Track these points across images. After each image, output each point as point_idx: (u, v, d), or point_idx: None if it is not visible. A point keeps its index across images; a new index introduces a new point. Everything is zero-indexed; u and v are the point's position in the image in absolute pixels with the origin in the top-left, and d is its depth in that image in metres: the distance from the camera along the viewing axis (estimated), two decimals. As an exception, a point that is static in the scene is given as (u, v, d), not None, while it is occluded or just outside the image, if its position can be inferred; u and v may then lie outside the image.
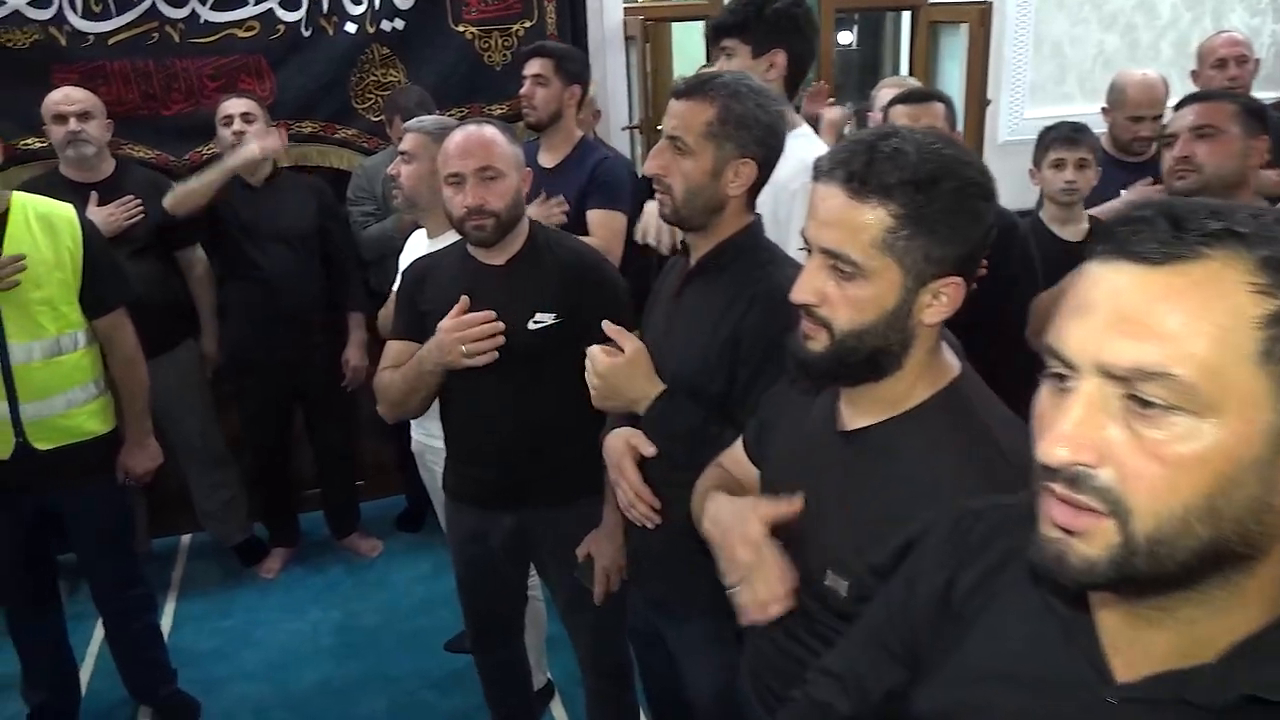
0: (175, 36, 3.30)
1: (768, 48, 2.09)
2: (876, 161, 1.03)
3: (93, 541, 2.54)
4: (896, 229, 1.03)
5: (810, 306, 1.09)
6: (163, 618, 3.21)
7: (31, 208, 2.30)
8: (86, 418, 2.39)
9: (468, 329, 1.83)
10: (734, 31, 2.11)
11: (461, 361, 1.83)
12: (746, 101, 1.50)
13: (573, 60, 2.91)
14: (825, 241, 1.07)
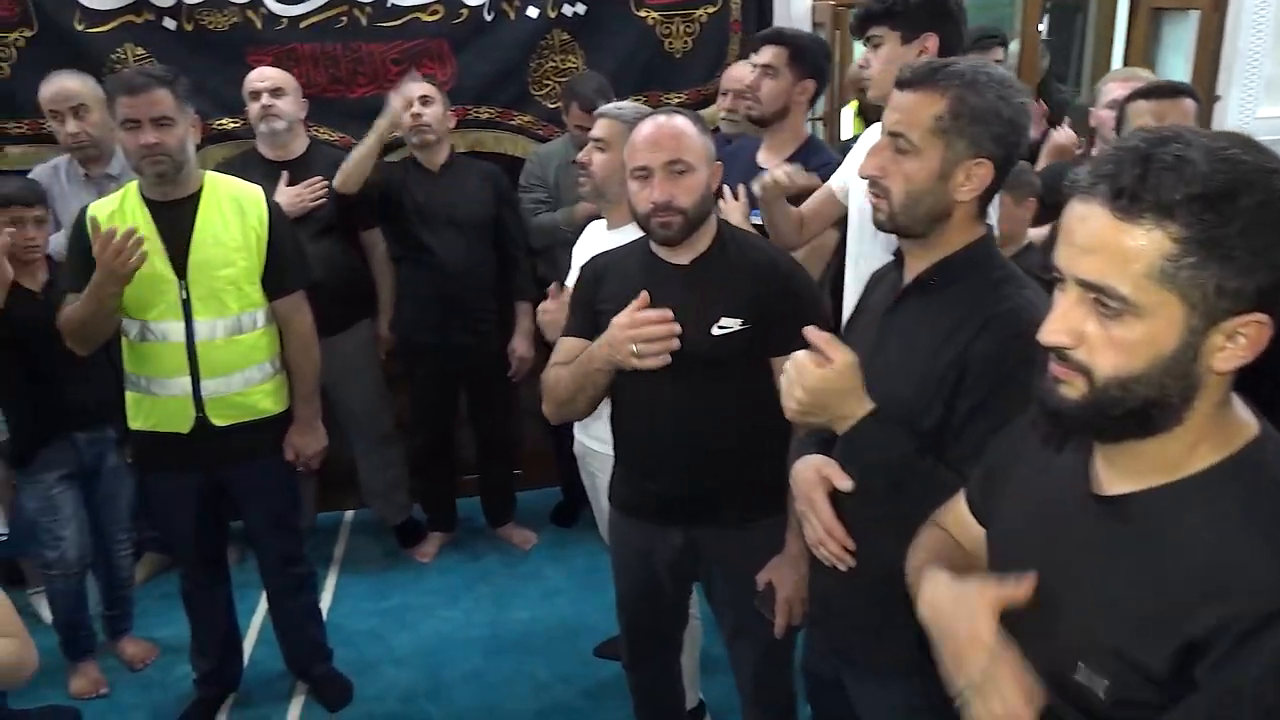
0: (363, 20, 3.33)
1: (918, 33, 1.96)
2: (1153, 173, 0.83)
3: (260, 517, 2.58)
4: (1180, 256, 0.83)
5: (1064, 349, 0.91)
6: (323, 593, 3.27)
7: (223, 188, 2.35)
8: (262, 396, 2.42)
9: (642, 327, 1.70)
10: (881, 19, 1.98)
11: (630, 362, 1.70)
12: (985, 93, 1.30)
13: (811, 51, 2.59)
14: (1084, 272, 0.88)
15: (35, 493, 2.68)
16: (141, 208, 2.28)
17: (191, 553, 2.61)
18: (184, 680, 2.79)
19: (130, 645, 2.99)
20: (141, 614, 3.09)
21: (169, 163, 2.22)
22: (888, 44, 1.99)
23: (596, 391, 1.84)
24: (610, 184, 2.22)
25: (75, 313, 2.25)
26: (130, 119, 2.18)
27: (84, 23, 3.19)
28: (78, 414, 2.68)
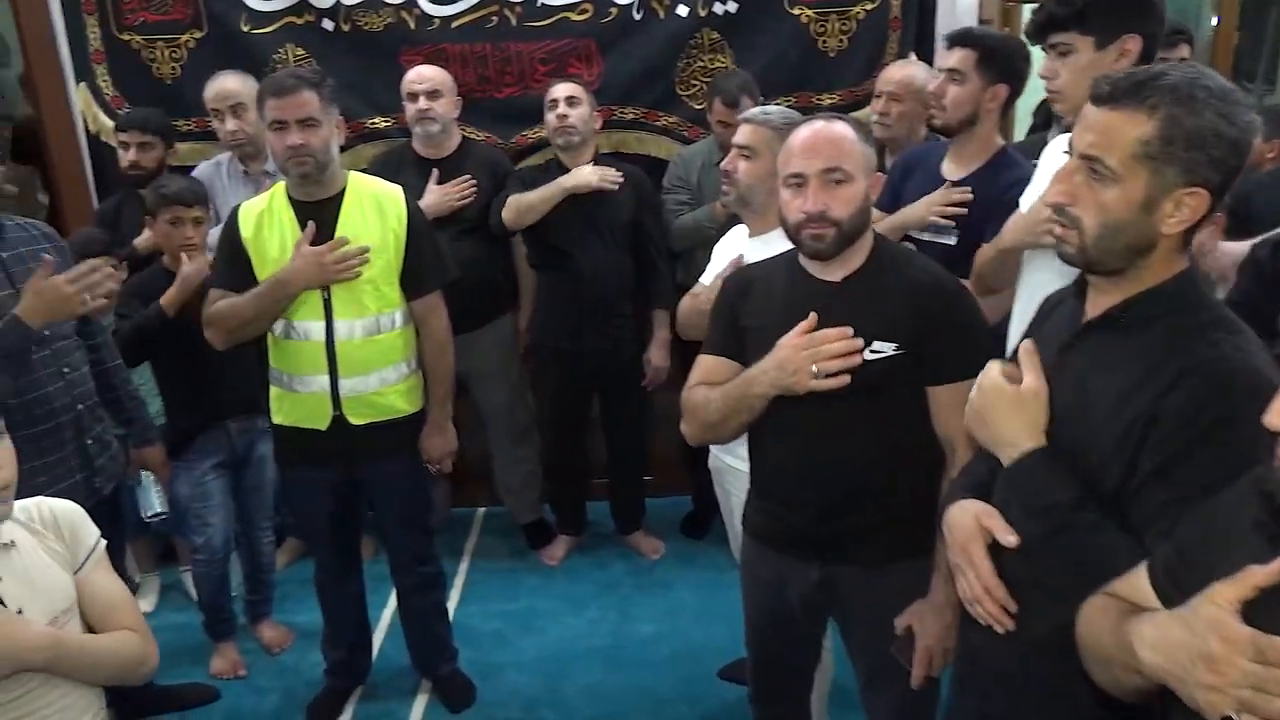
0: (512, 19, 3.32)
1: (1115, 35, 1.73)
2: None
3: (392, 515, 2.60)
4: None
5: None
6: (452, 589, 3.29)
7: (365, 189, 2.36)
8: (397, 396, 2.43)
9: (821, 344, 1.58)
10: (1070, 23, 1.76)
11: (807, 384, 1.59)
12: (1204, 111, 1.10)
13: (1003, 53, 2.33)
14: None
15: (188, 479, 2.79)
16: (287, 208, 2.32)
17: (326, 546, 2.66)
18: (316, 668, 2.84)
19: (268, 629, 3.08)
20: (281, 599, 3.18)
21: (313, 163, 2.24)
22: (1079, 51, 1.77)
23: (751, 416, 1.72)
24: (755, 192, 2.11)
25: (241, 308, 2.30)
26: (277, 120, 2.22)
27: (249, 24, 3.30)
28: (231, 404, 2.77)
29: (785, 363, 1.61)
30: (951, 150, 2.43)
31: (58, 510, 1.44)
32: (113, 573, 1.49)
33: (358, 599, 2.75)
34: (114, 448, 2.42)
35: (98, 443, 2.33)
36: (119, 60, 3.35)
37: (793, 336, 1.61)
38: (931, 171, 2.44)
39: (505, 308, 3.36)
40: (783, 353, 1.62)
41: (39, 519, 1.41)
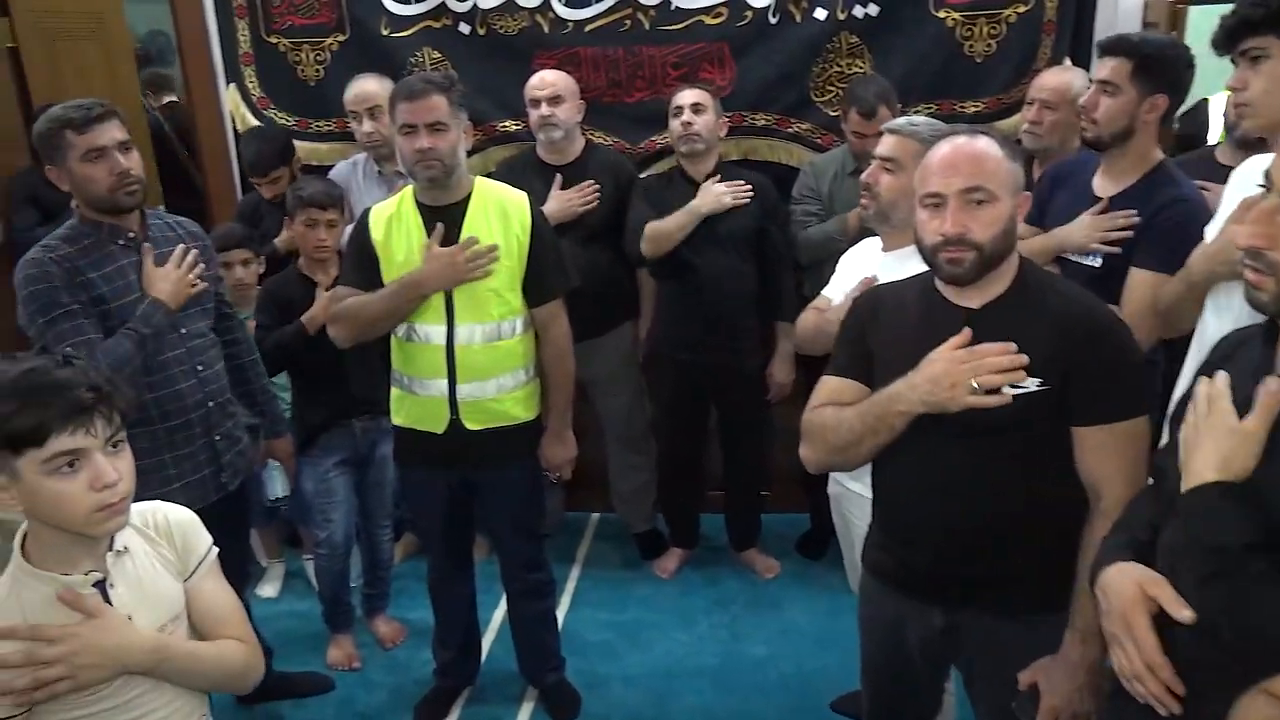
0: (646, 23, 3.28)
1: None
2: None
3: (504, 521, 2.59)
4: None
5: None
6: (563, 595, 3.27)
7: (491, 194, 2.36)
8: (514, 403, 2.41)
9: (982, 358, 1.47)
10: (1264, 26, 1.59)
11: (965, 399, 1.47)
12: None
13: (1161, 61, 2.14)
14: None
15: (314, 474, 2.86)
16: (415, 212, 2.33)
17: (438, 545, 2.67)
18: (426, 666, 2.87)
19: (383, 624, 3.14)
20: (397, 594, 3.23)
21: (440, 167, 2.24)
22: (1275, 58, 1.60)
23: (890, 438, 1.60)
24: (897, 208, 1.99)
25: (370, 307, 2.33)
26: (407, 124, 2.23)
27: (389, 28, 3.36)
28: (357, 405, 2.82)
29: (941, 377, 1.49)
30: (1104, 165, 2.25)
31: (172, 517, 1.45)
32: (223, 582, 1.50)
33: (468, 601, 2.76)
34: (242, 443, 2.49)
35: (226, 439, 2.40)
36: (266, 62, 3.47)
37: (947, 349, 1.50)
38: (1082, 187, 2.27)
39: (626, 315, 3.32)
40: (938, 366, 1.50)
41: (153, 525, 1.43)
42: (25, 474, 1.23)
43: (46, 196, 3.43)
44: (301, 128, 3.51)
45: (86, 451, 1.24)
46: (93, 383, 1.25)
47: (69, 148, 2.13)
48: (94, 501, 1.25)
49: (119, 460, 1.28)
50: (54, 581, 1.30)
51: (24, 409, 1.20)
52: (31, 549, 1.32)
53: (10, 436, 1.20)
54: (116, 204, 2.19)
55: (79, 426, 1.23)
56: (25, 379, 1.22)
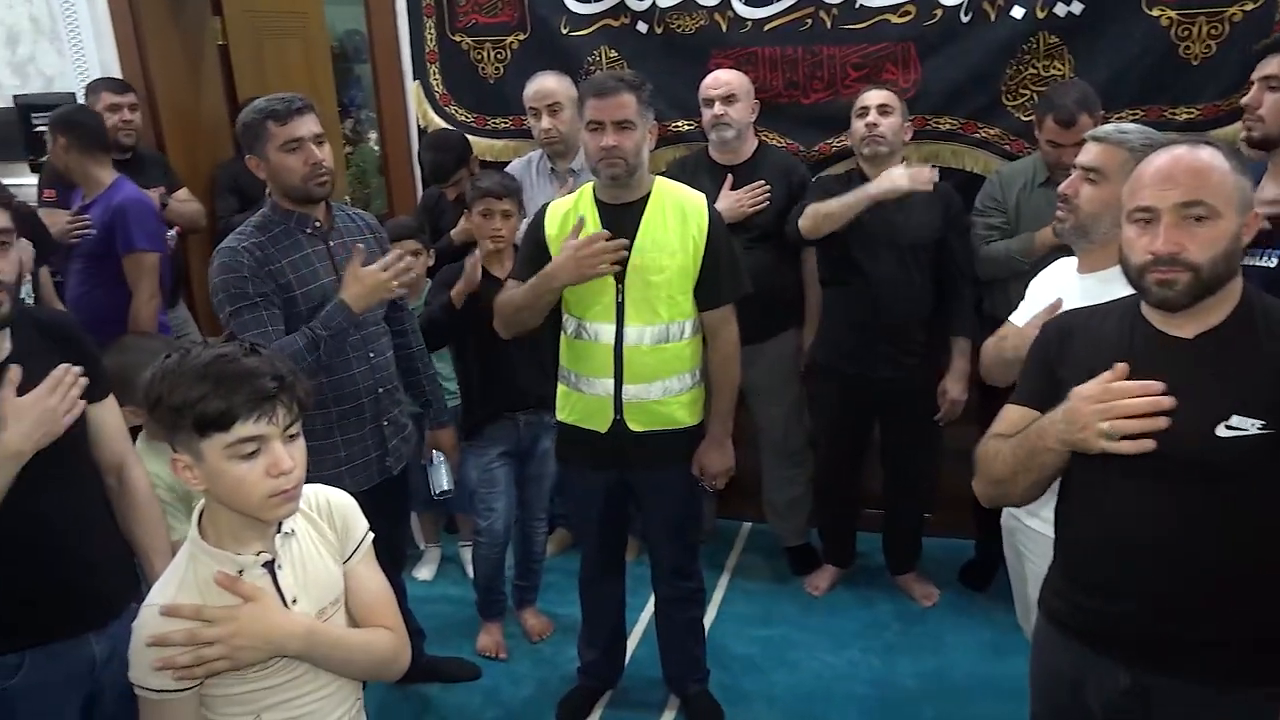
0: (828, 22, 3.18)
1: None
2: None
3: (659, 524, 2.56)
4: None
5: None
6: (710, 604, 3.21)
7: (670, 194, 2.33)
8: (678, 407, 2.38)
9: (1118, 399, 1.32)
10: None
11: (1095, 444, 1.33)
12: None
13: None
14: None
15: (478, 464, 2.92)
16: (592, 208, 2.33)
17: (593, 545, 2.67)
18: (571, 663, 2.87)
19: (532, 617, 3.17)
20: (548, 587, 3.26)
21: (623, 166, 2.23)
22: None
23: (1042, 475, 1.49)
24: (1098, 223, 1.83)
25: (514, 297, 2.36)
26: (595, 121, 2.23)
27: (569, 27, 3.40)
28: (522, 399, 2.86)
29: (1073, 415, 1.36)
30: (1270, 167, 2.09)
31: (333, 500, 1.49)
32: (377, 569, 1.52)
33: (618, 602, 2.74)
34: (407, 430, 2.56)
35: (393, 425, 2.46)
36: (450, 60, 3.57)
37: (1089, 386, 1.36)
38: None
39: (791, 322, 3.23)
40: (1072, 402, 1.37)
41: (315, 507, 1.46)
42: (209, 456, 1.27)
43: (247, 186, 3.65)
44: (479, 124, 3.59)
45: (267, 439, 1.28)
46: (277, 372, 1.29)
47: (269, 138, 2.24)
48: (270, 487, 1.28)
49: (294, 449, 1.32)
50: (227, 560, 1.35)
51: (213, 394, 1.25)
52: (207, 527, 1.37)
53: (198, 420, 1.25)
54: (308, 194, 2.29)
55: (262, 414, 1.27)
56: (215, 366, 1.26)
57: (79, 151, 3.19)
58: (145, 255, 3.16)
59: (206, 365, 1.26)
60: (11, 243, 1.61)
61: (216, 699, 1.36)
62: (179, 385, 1.26)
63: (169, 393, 1.26)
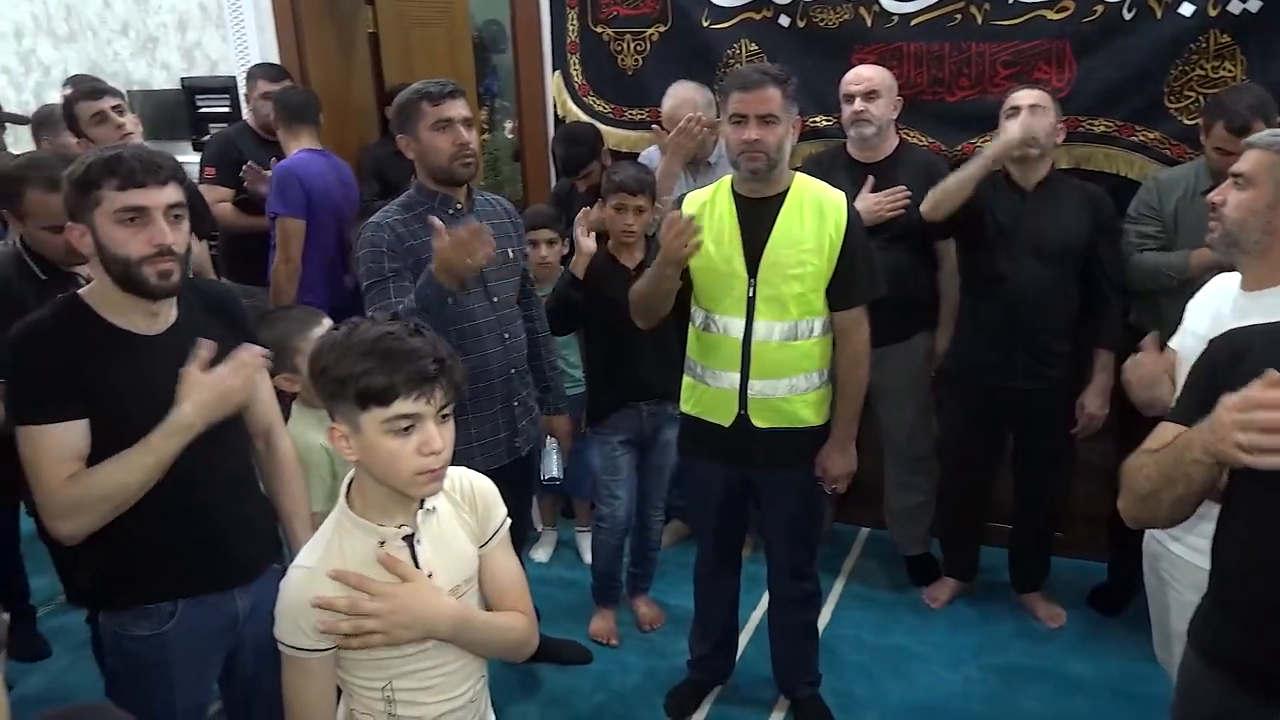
0: (978, 18, 3.07)
1: None
2: None
3: (778, 524, 2.53)
4: None
5: None
6: (824, 608, 3.16)
7: (809, 191, 2.30)
8: (804, 406, 2.35)
9: (1258, 410, 1.21)
10: None
11: (1234, 456, 1.23)
12: None
13: None
14: None
15: (601, 451, 2.96)
16: (729, 201, 2.31)
17: (710, 540, 2.66)
18: (681, 655, 2.87)
19: (644, 605, 3.19)
20: (661, 577, 3.27)
21: (764, 160, 2.21)
22: None
23: (1189, 490, 1.38)
24: (1245, 230, 1.71)
25: (640, 286, 2.38)
26: (738, 114, 2.21)
27: (709, 20, 3.39)
28: (646, 388, 2.88)
29: (1217, 424, 1.26)
30: None
31: (476, 484, 1.52)
32: (512, 553, 1.56)
33: (731, 598, 2.73)
34: (535, 413, 2.60)
35: (522, 406, 2.51)
36: (590, 51, 3.61)
37: (1238, 396, 1.25)
38: None
39: (924, 325, 3.14)
40: (1216, 411, 1.27)
41: (458, 489, 1.50)
42: (366, 428, 1.32)
43: (389, 172, 3.78)
44: (616, 115, 3.62)
45: (422, 417, 1.32)
46: (439, 355, 1.33)
47: (422, 117, 2.32)
48: (419, 465, 1.32)
49: (445, 430, 1.35)
50: (372, 531, 1.39)
51: (377, 370, 1.29)
52: (355, 498, 1.42)
53: (361, 393, 1.30)
54: (453, 174, 2.35)
55: (421, 394, 1.30)
56: (382, 343, 1.31)
57: (283, 122, 3.54)
58: (285, 220, 3.38)
59: (374, 341, 1.31)
60: (185, 216, 1.70)
61: (352, 661, 1.41)
62: (346, 357, 1.30)
63: (335, 364, 1.31)
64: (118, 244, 1.62)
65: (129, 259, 1.62)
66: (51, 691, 2.90)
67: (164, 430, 1.63)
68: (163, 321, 1.72)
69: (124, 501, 1.63)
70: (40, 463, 1.61)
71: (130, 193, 1.60)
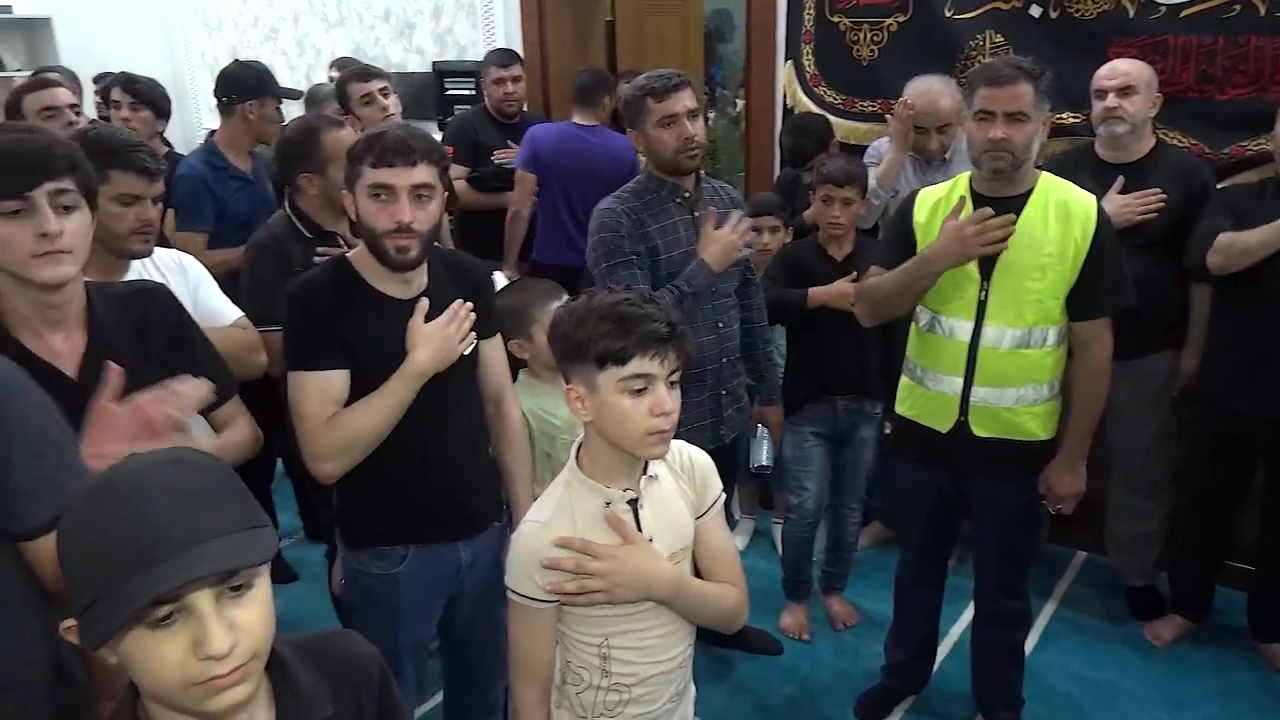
0: (1260, 9, 2.80)
1: None
2: None
3: (990, 538, 2.43)
4: None
5: None
6: (1032, 630, 3.00)
7: (1055, 192, 2.17)
8: (1031, 418, 2.23)
9: None
10: None
11: None
12: None
13: None
14: None
15: (793, 441, 2.94)
16: (967, 200, 2.22)
17: (914, 546, 2.59)
18: (874, 659, 2.82)
19: (838, 604, 3.14)
20: (856, 578, 3.22)
21: (1009, 159, 2.11)
22: None
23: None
24: None
25: (882, 284, 2.30)
26: (985, 110, 2.12)
27: (953, 10, 3.26)
28: (841, 384, 2.86)
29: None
30: None
31: (695, 458, 1.57)
32: (725, 526, 1.60)
33: (933, 609, 2.65)
34: (742, 401, 2.62)
35: (730, 394, 2.54)
36: (825, 41, 3.56)
37: None
38: None
39: (1170, 341, 2.89)
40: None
41: (679, 461, 1.55)
42: (602, 388, 1.38)
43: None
44: (847, 107, 3.56)
45: (654, 379, 1.37)
46: (670, 319, 1.38)
47: (648, 113, 2.39)
48: (651, 425, 1.38)
49: (674, 395, 1.40)
50: (599, 491, 1.46)
51: (615, 332, 1.36)
52: (584, 459, 1.49)
53: (599, 354, 1.37)
54: (678, 166, 2.41)
55: (655, 355, 1.36)
56: (619, 307, 1.38)
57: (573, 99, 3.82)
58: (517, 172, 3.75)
59: (611, 306, 1.38)
60: (431, 196, 1.81)
61: (572, 616, 1.49)
62: (585, 321, 1.38)
63: (575, 328, 1.39)
64: (368, 216, 1.77)
65: (374, 230, 1.76)
66: (287, 615, 3.17)
67: (399, 376, 1.78)
68: (414, 288, 1.86)
69: (371, 443, 1.79)
70: (306, 406, 1.78)
71: (381, 171, 1.74)
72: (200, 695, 0.87)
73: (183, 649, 0.86)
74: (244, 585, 0.90)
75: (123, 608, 0.83)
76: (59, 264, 1.43)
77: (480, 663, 2.10)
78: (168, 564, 0.83)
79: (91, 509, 0.87)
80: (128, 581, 0.83)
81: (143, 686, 0.90)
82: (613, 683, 1.50)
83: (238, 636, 0.88)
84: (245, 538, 0.89)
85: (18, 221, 1.40)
